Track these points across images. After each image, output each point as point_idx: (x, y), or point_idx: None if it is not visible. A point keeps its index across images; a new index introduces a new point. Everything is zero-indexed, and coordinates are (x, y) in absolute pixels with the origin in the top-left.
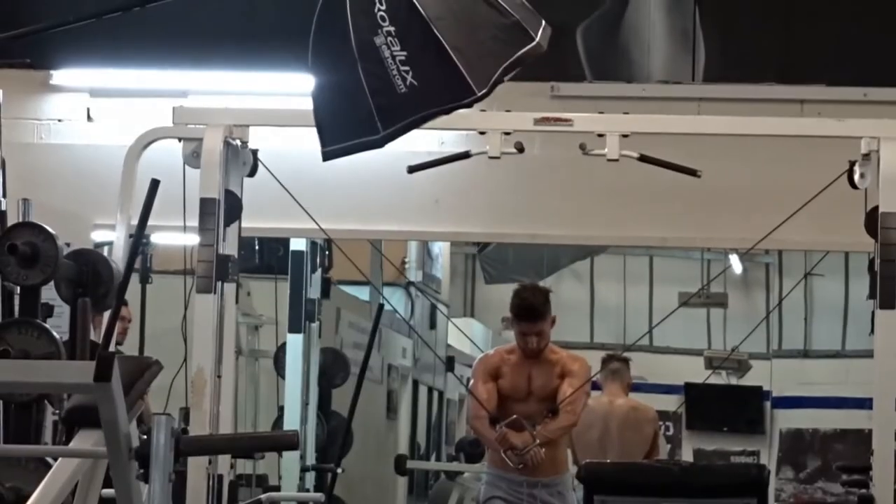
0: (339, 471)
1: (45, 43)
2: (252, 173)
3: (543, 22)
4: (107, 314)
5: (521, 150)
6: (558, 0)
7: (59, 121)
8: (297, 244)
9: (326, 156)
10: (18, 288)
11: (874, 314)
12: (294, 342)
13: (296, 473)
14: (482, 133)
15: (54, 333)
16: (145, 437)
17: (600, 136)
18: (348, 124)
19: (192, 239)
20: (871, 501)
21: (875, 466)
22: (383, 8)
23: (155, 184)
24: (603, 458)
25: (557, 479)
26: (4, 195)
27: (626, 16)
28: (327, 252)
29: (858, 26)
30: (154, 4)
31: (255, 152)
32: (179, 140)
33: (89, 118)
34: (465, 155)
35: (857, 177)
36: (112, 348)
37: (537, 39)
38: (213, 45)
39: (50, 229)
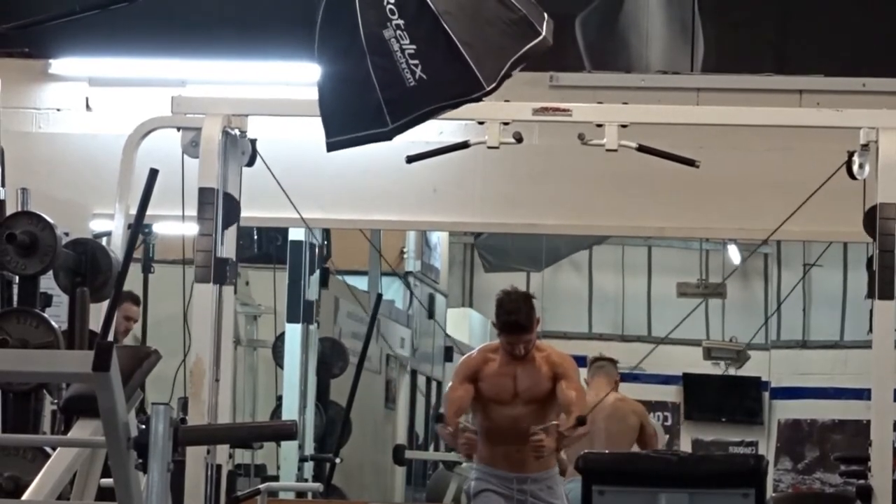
0: (337, 460)
1: (43, 32)
2: (251, 163)
3: (546, 15)
4: (105, 304)
5: (519, 140)
6: None
7: (58, 110)
8: (296, 234)
9: (331, 146)
10: (17, 277)
11: (872, 312)
12: (293, 332)
13: (294, 463)
14: (481, 123)
15: (53, 323)
16: (144, 426)
17: (599, 126)
18: (356, 116)
19: (192, 229)
20: (869, 492)
21: (873, 457)
22: (392, 1)
23: (154, 173)
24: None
25: (546, 473)
26: (3, 184)
27: (625, 6)
28: (326, 242)
29: (857, 16)
30: None
31: (253, 142)
32: (178, 129)
33: (88, 107)
34: (463, 145)
35: (855, 167)
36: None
37: (543, 33)
38: (212, 34)
39: (48, 218)
